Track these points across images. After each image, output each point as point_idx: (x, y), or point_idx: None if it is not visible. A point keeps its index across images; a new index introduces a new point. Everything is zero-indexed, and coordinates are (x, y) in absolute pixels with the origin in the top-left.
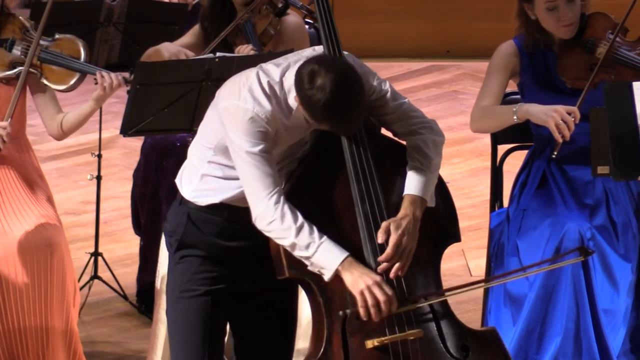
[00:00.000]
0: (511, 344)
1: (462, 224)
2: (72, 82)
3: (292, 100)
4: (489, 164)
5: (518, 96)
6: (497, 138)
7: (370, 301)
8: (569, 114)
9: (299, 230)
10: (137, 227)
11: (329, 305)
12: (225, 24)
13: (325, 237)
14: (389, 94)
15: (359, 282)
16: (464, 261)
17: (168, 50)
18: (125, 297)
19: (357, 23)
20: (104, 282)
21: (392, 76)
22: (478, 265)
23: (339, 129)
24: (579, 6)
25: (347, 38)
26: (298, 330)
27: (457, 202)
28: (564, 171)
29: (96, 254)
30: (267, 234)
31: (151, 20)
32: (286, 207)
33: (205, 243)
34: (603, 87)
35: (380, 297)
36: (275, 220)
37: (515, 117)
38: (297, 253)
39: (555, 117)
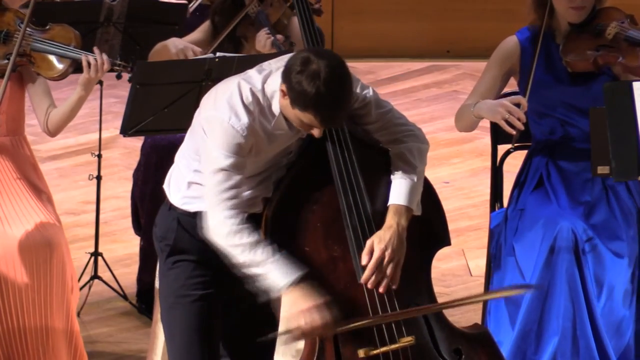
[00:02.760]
0: (509, 345)
1: (462, 224)
2: (63, 68)
3: (276, 106)
4: (489, 164)
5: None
6: (497, 138)
7: (307, 322)
8: (517, 105)
9: (252, 247)
10: (137, 227)
11: None
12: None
13: (278, 255)
14: (372, 102)
15: (300, 302)
16: (464, 261)
17: (175, 46)
18: (125, 297)
19: (357, 23)
20: (104, 282)
21: (392, 76)
22: (478, 265)
23: (325, 118)
24: None
25: (347, 38)
26: None
27: (457, 202)
28: (561, 170)
29: (96, 254)
30: (218, 247)
31: (151, 20)
32: (242, 224)
33: (196, 248)
34: (603, 86)
35: (318, 321)
36: (228, 235)
37: (474, 117)
38: (248, 271)
39: (501, 112)
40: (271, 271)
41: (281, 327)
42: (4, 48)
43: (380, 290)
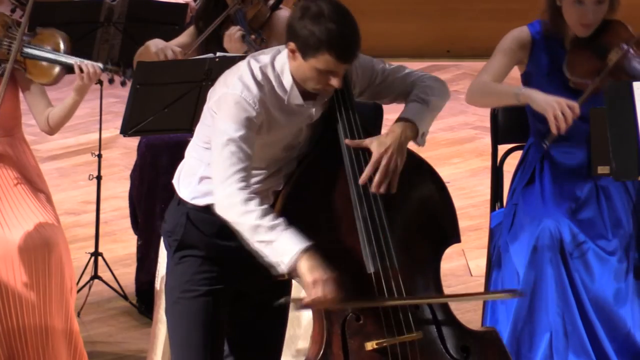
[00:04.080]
0: (505, 344)
1: (462, 224)
2: (55, 74)
3: (287, 79)
4: (489, 164)
5: None
6: (497, 138)
7: (318, 294)
8: (570, 108)
9: (265, 213)
10: (136, 227)
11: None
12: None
13: (290, 226)
14: (391, 71)
15: (309, 273)
16: (464, 261)
17: (156, 45)
18: (125, 297)
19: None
20: (104, 282)
21: None
22: (478, 265)
23: (340, 53)
24: (604, 11)
25: None
26: (298, 330)
27: (458, 202)
28: (555, 165)
29: (96, 254)
30: (227, 219)
31: (151, 20)
32: (252, 194)
33: (204, 243)
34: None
35: (328, 294)
36: (239, 203)
37: (517, 100)
38: (258, 237)
39: (555, 107)
40: (284, 237)
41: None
42: None
43: (382, 190)
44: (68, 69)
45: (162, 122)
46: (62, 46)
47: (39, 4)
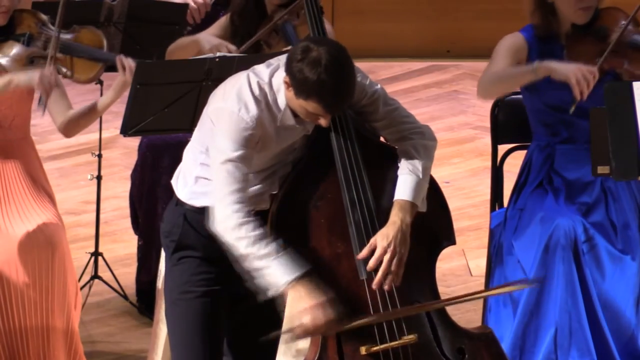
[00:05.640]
0: (509, 339)
1: (462, 224)
2: (97, 70)
3: (282, 99)
4: (489, 164)
5: (519, 96)
6: (497, 138)
7: (310, 320)
8: (590, 72)
9: (256, 240)
10: (136, 227)
11: None
12: (255, 21)
13: (282, 252)
14: (380, 99)
15: (302, 300)
16: (464, 261)
17: (209, 42)
18: (125, 297)
19: (357, 23)
20: (104, 282)
21: (392, 76)
22: (478, 265)
23: (329, 105)
24: None
25: (347, 38)
26: None
27: (457, 202)
28: (563, 177)
29: (96, 253)
30: (222, 240)
31: (151, 20)
32: (248, 217)
33: (202, 244)
34: (603, 86)
35: (321, 319)
36: (232, 228)
37: (535, 75)
38: (248, 264)
39: (577, 73)
40: (274, 266)
41: (285, 326)
42: (28, 51)
43: (385, 287)
44: (109, 66)
45: (162, 122)
46: (104, 43)
47: (40, 4)
